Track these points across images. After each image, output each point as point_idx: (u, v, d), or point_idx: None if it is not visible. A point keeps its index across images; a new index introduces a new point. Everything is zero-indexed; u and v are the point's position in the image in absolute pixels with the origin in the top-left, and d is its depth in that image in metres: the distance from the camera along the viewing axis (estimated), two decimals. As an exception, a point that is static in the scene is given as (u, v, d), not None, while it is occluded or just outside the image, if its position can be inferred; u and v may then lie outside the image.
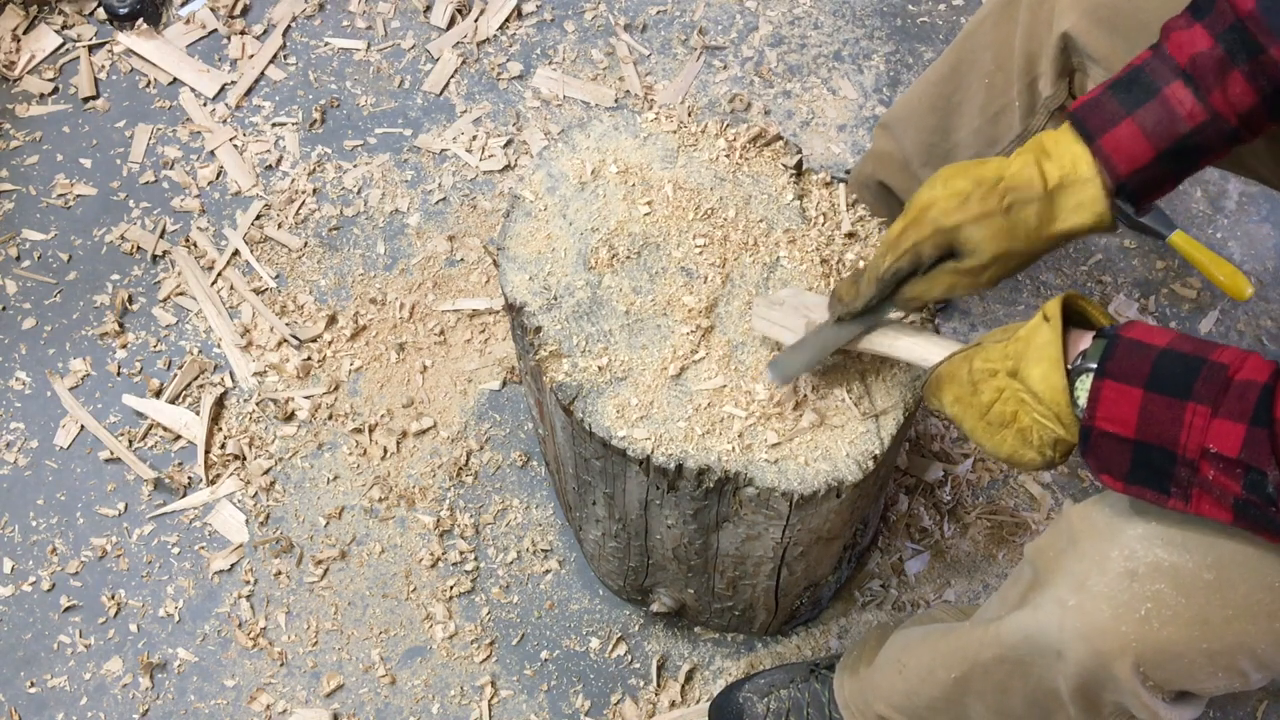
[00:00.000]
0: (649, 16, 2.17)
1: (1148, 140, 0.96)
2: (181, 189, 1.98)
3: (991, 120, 1.42)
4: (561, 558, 1.66)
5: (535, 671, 1.59)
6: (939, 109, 1.47)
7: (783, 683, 1.46)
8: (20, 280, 1.90)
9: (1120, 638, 0.94)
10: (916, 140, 1.52)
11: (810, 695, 1.43)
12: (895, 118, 1.56)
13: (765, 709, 1.45)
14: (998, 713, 1.14)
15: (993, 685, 1.11)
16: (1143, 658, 0.94)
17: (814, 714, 1.42)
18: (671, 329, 1.21)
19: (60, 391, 1.79)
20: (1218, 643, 0.93)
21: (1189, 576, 0.92)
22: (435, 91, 2.08)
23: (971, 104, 1.43)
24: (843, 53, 2.13)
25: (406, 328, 1.83)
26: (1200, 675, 0.95)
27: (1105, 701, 1.02)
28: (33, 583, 1.66)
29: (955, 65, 1.43)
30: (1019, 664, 1.06)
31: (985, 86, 1.40)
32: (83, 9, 2.18)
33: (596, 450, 1.21)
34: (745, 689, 1.48)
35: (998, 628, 1.07)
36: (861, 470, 1.15)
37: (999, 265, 1.00)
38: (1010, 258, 1.00)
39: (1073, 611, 0.97)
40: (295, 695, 1.58)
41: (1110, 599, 0.95)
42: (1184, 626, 0.93)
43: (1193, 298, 1.87)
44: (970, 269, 1.00)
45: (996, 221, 0.98)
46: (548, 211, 1.29)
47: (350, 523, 1.69)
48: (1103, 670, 0.97)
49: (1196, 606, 0.92)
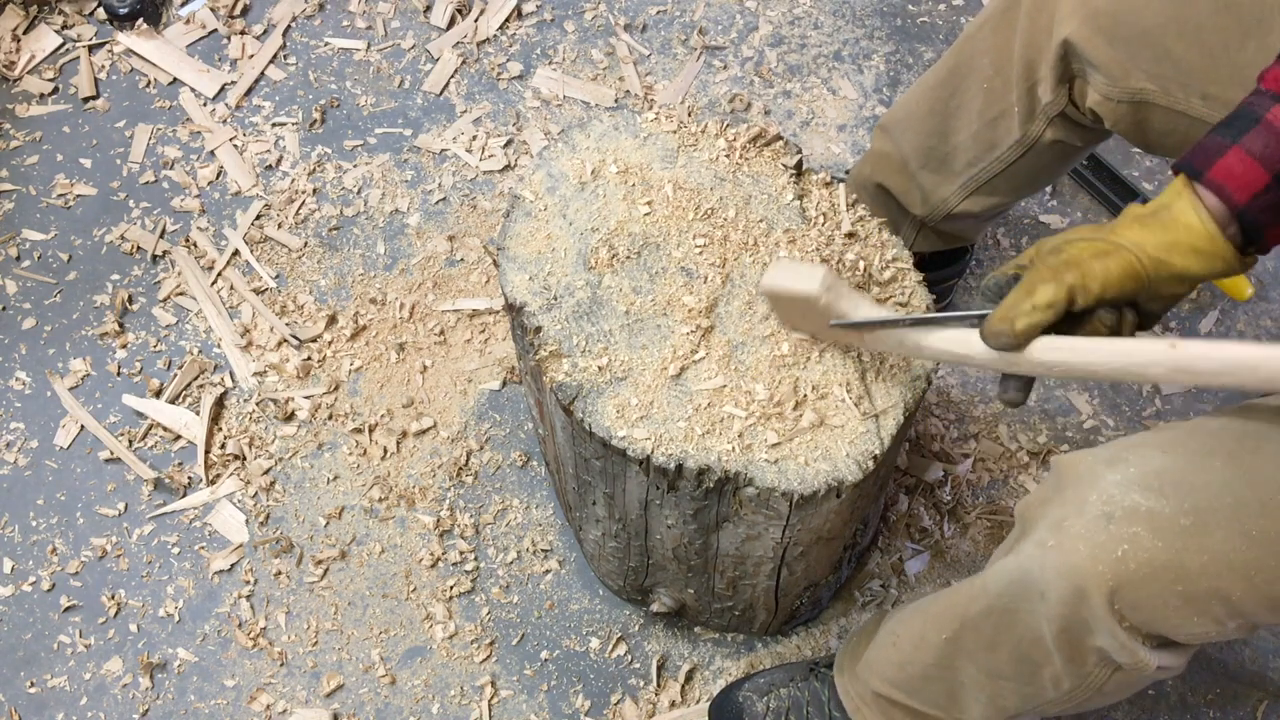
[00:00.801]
0: (649, 16, 2.17)
1: (1259, 164, 0.92)
2: (181, 189, 1.98)
3: (990, 125, 1.42)
4: (561, 558, 1.66)
5: (535, 671, 1.59)
6: (938, 112, 1.47)
7: (782, 682, 1.47)
8: (20, 280, 1.90)
9: (1097, 576, 0.96)
10: (915, 143, 1.52)
11: (810, 694, 1.44)
12: (894, 120, 1.55)
13: (765, 708, 1.45)
14: (988, 673, 1.15)
15: (982, 642, 1.13)
16: (1118, 595, 0.96)
17: (813, 712, 1.43)
18: (671, 329, 1.21)
19: (60, 391, 1.79)
20: (1193, 587, 0.94)
21: (1165, 521, 0.94)
22: (435, 91, 2.08)
23: (970, 108, 1.43)
24: (843, 53, 2.13)
25: (406, 328, 1.83)
26: (1176, 619, 0.97)
27: (1089, 648, 1.03)
28: (33, 583, 1.66)
29: (954, 69, 1.43)
30: (1005, 613, 1.08)
31: (984, 91, 1.40)
32: (83, 9, 2.18)
33: (596, 450, 1.21)
34: (745, 688, 1.48)
35: (984, 578, 1.10)
36: (861, 470, 1.15)
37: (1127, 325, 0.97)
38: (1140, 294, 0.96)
39: (1052, 551, 0.99)
40: (295, 695, 1.58)
41: (1087, 539, 0.97)
42: (1159, 569, 0.94)
43: (1193, 298, 1.87)
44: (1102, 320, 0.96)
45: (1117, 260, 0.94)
46: (548, 211, 1.29)
47: (350, 523, 1.69)
48: (1083, 607, 0.99)
49: (1172, 550, 0.94)
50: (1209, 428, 1.00)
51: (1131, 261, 0.94)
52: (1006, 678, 1.14)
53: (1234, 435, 0.97)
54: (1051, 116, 1.35)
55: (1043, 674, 1.10)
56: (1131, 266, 0.94)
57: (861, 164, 1.66)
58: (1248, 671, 1.60)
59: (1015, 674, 1.12)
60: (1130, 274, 0.94)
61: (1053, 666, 1.08)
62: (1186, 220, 0.93)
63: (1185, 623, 0.97)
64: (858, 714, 1.37)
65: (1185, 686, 1.59)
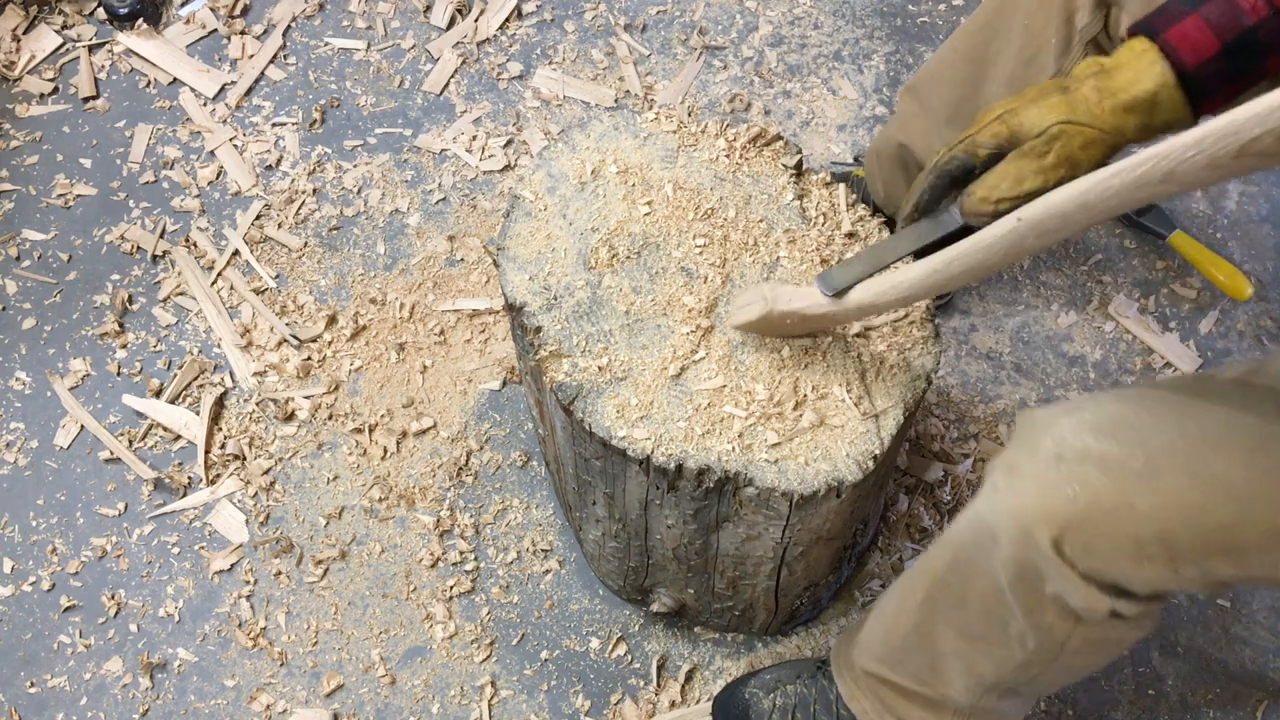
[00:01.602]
0: (649, 16, 2.17)
1: (1213, 32, 0.96)
2: (181, 189, 1.98)
3: (1026, 64, 1.42)
4: (561, 558, 1.66)
5: (535, 671, 1.59)
6: (975, 59, 1.48)
7: (789, 679, 1.46)
8: (20, 280, 1.90)
9: (1046, 514, 0.98)
10: (947, 95, 1.52)
11: (817, 692, 1.43)
12: (924, 78, 1.57)
13: (771, 705, 1.44)
14: (961, 633, 1.16)
15: (952, 599, 1.14)
16: (1067, 536, 0.98)
17: (820, 710, 1.43)
18: (671, 329, 1.21)
19: (60, 391, 1.79)
20: (1143, 529, 0.95)
21: (1117, 464, 0.96)
22: (435, 91, 2.08)
23: (1009, 50, 1.44)
24: (843, 53, 2.13)
25: (406, 328, 1.83)
26: (1127, 564, 0.98)
27: (1045, 597, 1.04)
28: (33, 583, 1.66)
29: (997, 9, 1.44)
30: (968, 564, 1.10)
31: (1024, 29, 1.41)
32: (83, 9, 2.18)
33: (596, 450, 1.21)
34: (751, 684, 1.47)
35: (946, 534, 1.12)
36: (861, 470, 1.15)
37: (1064, 140, 0.98)
38: (1074, 133, 0.98)
39: (1004, 493, 1.01)
40: (295, 695, 1.58)
41: (1038, 479, 0.98)
42: (1109, 510, 0.96)
43: (1193, 298, 1.87)
44: (1034, 147, 0.99)
45: (1054, 98, 0.98)
46: (548, 211, 1.29)
47: (350, 523, 1.69)
48: (1031, 549, 1.00)
49: (1122, 492, 0.95)
50: (1165, 384, 1.03)
51: (1110, 144, 0.99)
52: (978, 637, 1.15)
53: (1188, 389, 1.00)
54: (1086, 41, 1.37)
55: (1009, 630, 1.11)
56: (1109, 149, 1.00)
57: (884, 130, 1.67)
58: (1248, 671, 1.60)
59: (985, 632, 1.14)
60: (1106, 157, 1.00)
61: (1016, 621, 1.09)
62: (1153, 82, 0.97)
63: (1137, 569, 0.98)
64: (853, 700, 1.38)
65: (1185, 686, 1.59)
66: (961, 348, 1.83)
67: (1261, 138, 0.80)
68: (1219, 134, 0.81)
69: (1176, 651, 1.61)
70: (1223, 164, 0.82)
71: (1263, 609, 1.64)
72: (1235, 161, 0.82)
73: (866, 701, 1.35)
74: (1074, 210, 0.90)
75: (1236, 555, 0.96)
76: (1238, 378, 1.01)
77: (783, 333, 1.19)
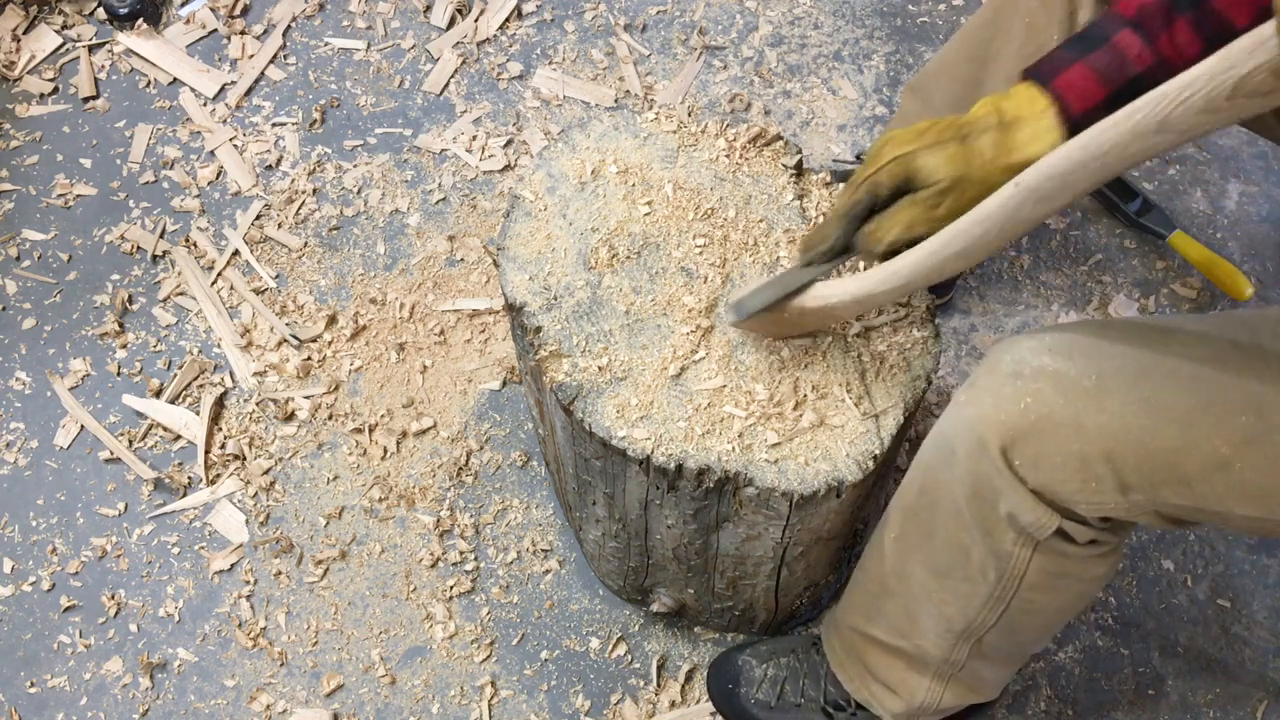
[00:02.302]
0: (649, 16, 2.17)
1: (1099, 81, 0.99)
2: (181, 189, 1.98)
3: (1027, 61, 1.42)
4: (561, 558, 1.66)
5: (535, 671, 1.59)
6: (978, 57, 1.48)
7: (783, 651, 1.49)
8: (20, 280, 1.90)
9: (998, 425, 1.01)
10: (948, 93, 1.53)
11: (809, 667, 1.46)
12: (927, 75, 1.57)
13: (762, 674, 1.47)
14: (932, 569, 1.18)
15: (921, 530, 1.17)
16: (1016, 446, 1.01)
17: (809, 685, 1.45)
18: (671, 329, 1.21)
19: (60, 391, 1.79)
20: (1089, 447, 0.98)
21: (1070, 382, 1.00)
22: (435, 91, 2.08)
23: (1010, 48, 1.44)
24: (843, 53, 2.13)
25: (406, 328, 1.83)
26: (1074, 483, 1.00)
27: (1000, 517, 1.06)
28: (33, 583, 1.66)
29: (999, 7, 1.45)
30: (934, 488, 1.12)
31: (1026, 27, 1.41)
32: (83, 9, 2.18)
33: (596, 450, 1.21)
34: (746, 653, 1.50)
35: (918, 453, 1.15)
36: (861, 470, 1.15)
37: (956, 195, 1.01)
38: (967, 186, 1.01)
39: (962, 406, 1.05)
40: (295, 695, 1.58)
41: (994, 393, 1.02)
42: (1058, 424, 0.99)
43: (1193, 298, 1.87)
44: (926, 198, 1.02)
45: (951, 148, 1.01)
46: (548, 211, 1.29)
47: (350, 523, 1.69)
48: (984, 457, 1.03)
49: (1073, 408, 0.99)
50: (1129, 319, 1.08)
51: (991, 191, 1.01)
52: (945, 574, 1.17)
53: (1150, 324, 1.04)
54: None
55: (971, 560, 1.13)
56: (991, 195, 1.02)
57: (887, 129, 1.66)
58: (1248, 672, 1.60)
59: (950, 566, 1.16)
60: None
61: (977, 547, 1.11)
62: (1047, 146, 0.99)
63: (1084, 488, 1.00)
64: (840, 668, 1.40)
65: (1185, 686, 1.59)
66: (961, 348, 1.83)
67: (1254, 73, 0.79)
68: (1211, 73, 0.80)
69: (1176, 651, 1.61)
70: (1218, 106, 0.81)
71: (1263, 609, 1.64)
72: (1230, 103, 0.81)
73: (851, 669, 1.38)
74: (1070, 169, 0.90)
75: (1181, 483, 0.99)
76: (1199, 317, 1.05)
77: (781, 331, 1.19)
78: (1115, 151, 0.87)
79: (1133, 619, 1.63)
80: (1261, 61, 0.78)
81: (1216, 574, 1.66)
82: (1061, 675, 1.59)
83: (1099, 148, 0.88)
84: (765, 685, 1.46)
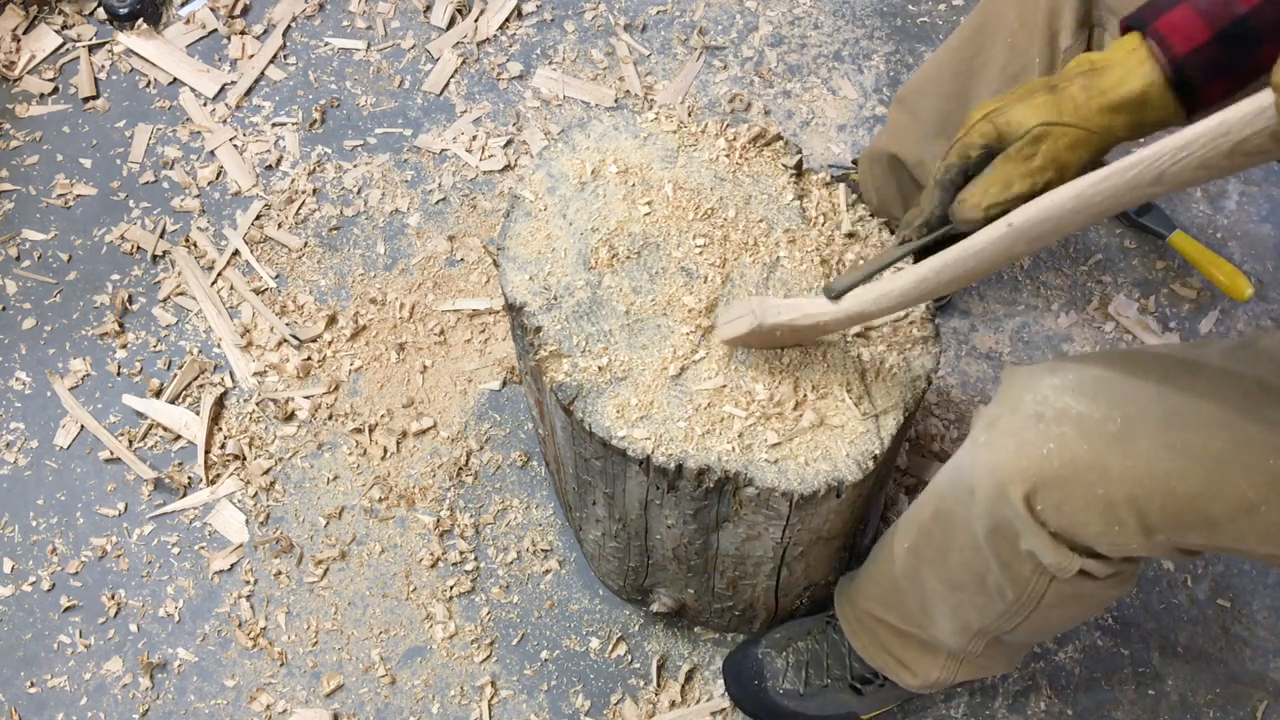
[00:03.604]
0: (649, 16, 2.17)
1: (1203, 20, 0.94)
2: (181, 189, 1.98)
3: (1011, 80, 1.42)
4: (561, 558, 1.66)
5: (535, 671, 1.59)
6: (961, 74, 1.47)
7: (799, 635, 1.49)
8: (20, 280, 1.90)
9: (1020, 470, 0.99)
10: (934, 109, 1.52)
11: (829, 645, 1.46)
12: (913, 89, 1.56)
13: (785, 663, 1.47)
14: (945, 582, 1.18)
15: (935, 549, 1.16)
16: (1040, 493, 0.99)
17: (833, 663, 1.45)
18: (671, 329, 1.21)
19: (60, 391, 1.79)
20: (1114, 492, 0.96)
21: (1094, 425, 0.97)
22: (435, 91, 2.08)
23: (993, 66, 1.43)
24: (843, 53, 2.13)
25: (406, 328, 1.83)
26: (1095, 524, 0.99)
27: (1020, 553, 1.05)
28: (33, 583, 1.66)
29: (979, 27, 1.44)
30: (949, 516, 1.11)
31: (1007, 46, 1.41)
32: (83, 9, 2.18)
33: (596, 450, 1.21)
34: (762, 645, 1.49)
35: (933, 481, 1.14)
36: (861, 470, 1.15)
37: (1050, 142, 0.96)
38: (1060, 132, 0.96)
39: (982, 448, 1.03)
40: (295, 695, 1.58)
41: (1016, 436, 1.00)
42: (1082, 470, 0.97)
43: (1193, 298, 1.87)
44: (1020, 149, 0.97)
45: (1040, 97, 0.97)
46: (548, 211, 1.29)
47: (350, 523, 1.69)
48: (1004, 504, 1.01)
49: (1097, 453, 0.96)
50: (1152, 351, 1.04)
51: (1099, 144, 0.97)
52: (960, 587, 1.16)
53: (1175, 359, 1.01)
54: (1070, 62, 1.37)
55: (988, 583, 1.12)
56: (1098, 149, 0.98)
57: (876, 140, 1.66)
58: (1248, 671, 1.60)
59: (967, 583, 1.15)
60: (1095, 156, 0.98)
61: (994, 574, 1.11)
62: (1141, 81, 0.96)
63: (1106, 531, 0.99)
64: (854, 637, 1.41)
65: (1185, 686, 1.59)
66: (961, 348, 1.83)
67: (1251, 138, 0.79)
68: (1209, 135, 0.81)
69: (1176, 651, 1.61)
70: (1214, 164, 0.82)
71: (1263, 609, 1.64)
72: (1227, 160, 0.81)
73: (866, 638, 1.39)
74: (1065, 214, 0.90)
75: (1206, 525, 0.97)
76: (1225, 350, 1.02)
77: (772, 345, 1.19)
78: (1110, 201, 0.88)
79: (1133, 619, 1.63)
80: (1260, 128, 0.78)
81: (1216, 574, 1.66)
82: (1061, 675, 1.59)
83: (1095, 196, 0.88)
84: (790, 674, 1.46)
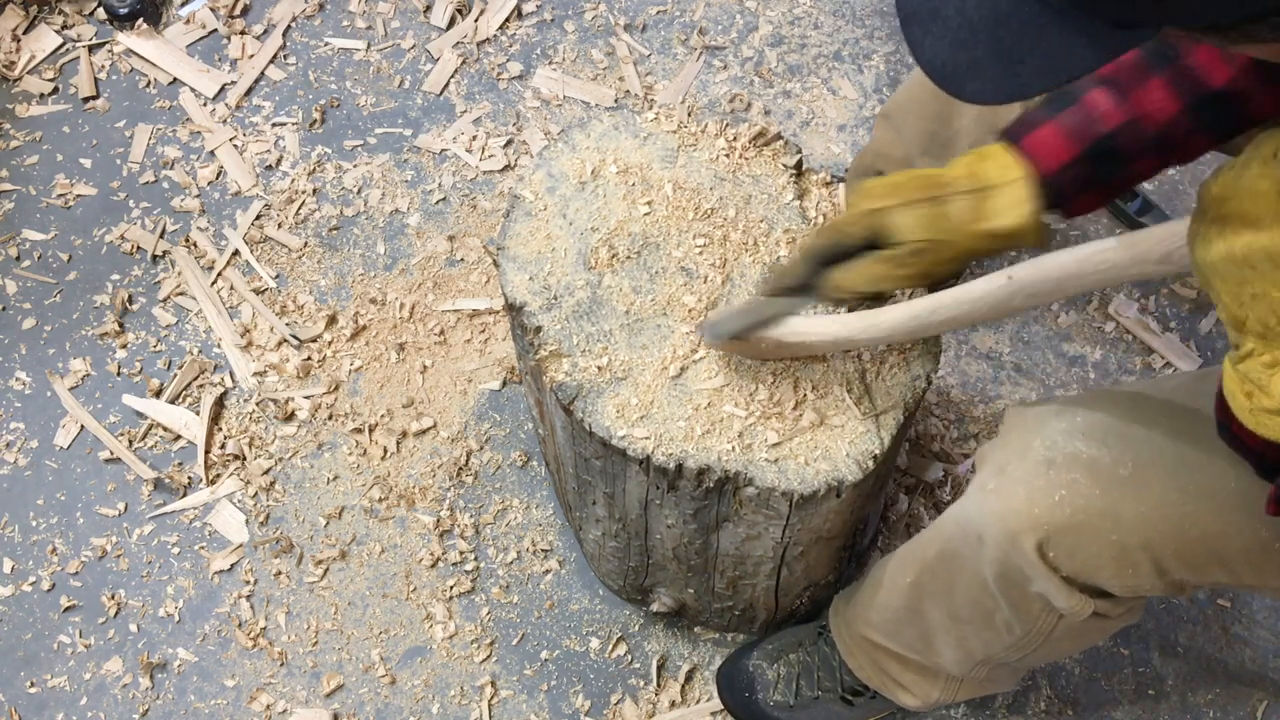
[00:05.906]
0: (649, 16, 2.17)
1: (1068, 140, 0.97)
2: (181, 189, 1.98)
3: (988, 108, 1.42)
4: (561, 558, 1.66)
5: (535, 671, 1.59)
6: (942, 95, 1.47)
7: (791, 646, 1.49)
8: (20, 280, 1.90)
9: (1031, 519, 0.98)
10: (917, 128, 1.52)
11: (820, 658, 1.46)
12: (897, 106, 1.56)
13: (776, 675, 1.47)
14: (950, 616, 1.18)
15: (940, 586, 1.16)
16: (1052, 541, 0.98)
17: (824, 676, 1.45)
18: (671, 329, 1.21)
19: (60, 391, 1.79)
20: (1127, 537, 0.96)
21: (1105, 470, 0.97)
22: (435, 91, 2.08)
23: None
24: (843, 53, 2.13)
25: (406, 328, 1.83)
26: (1108, 569, 0.99)
27: (1030, 595, 1.05)
28: (33, 583, 1.66)
29: None
30: (954, 557, 1.11)
31: None
32: (83, 9, 2.18)
33: (596, 450, 1.21)
34: (754, 656, 1.49)
35: (938, 522, 1.14)
36: (861, 470, 1.15)
37: (922, 258, 0.99)
38: (936, 250, 0.99)
39: (991, 494, 1.02)
40: (295, 695, 1.58)
41: (1026, 483, 0.99)
42: (1095, 516, 0.97)
43: (1192, 298, 1.87)
44: (895, 257, 1.00)
45: (925, 209, 0.99)
46: (548, 211, 1.29)
47: (350, 523, 1.69)
48: (1016, 552, 1.01)
49: (1109, 499, 0.96)
50: (1161, 388, 1.04)
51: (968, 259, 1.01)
52: (966, 621, 1.16)
53: (1183, 396, 1.01)
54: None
55: (995, 619, 1.12)
56: (965, 263, 1.01)
57: (862, 154, 1.66)
58: (1248, 671, 1.60)
59: (972, 618, 1.15)
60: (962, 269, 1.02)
61: (1002, 612, 1.10)
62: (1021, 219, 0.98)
63: (1119, 574, 0.99)
64: (850, 657, 1.40)
65: (1185, 686, 1.59)
66: (961, 348, 1.83)
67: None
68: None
69: (1176, 651, 1.61)
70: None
71: (1263, 609, 1.64)
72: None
73: (867, 666, 1.38)
74: (1067, 276, 0.92)
75: (1219, 565, 0.97)
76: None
77: (757, 355, 1.18)
78: (1114, 272, 0.90)
79: (1133, 619, 1.63)
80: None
81: (1216, 574, 1.66)
82: (1061, 675, 1.59)
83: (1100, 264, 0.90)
84: (781, 685, 1.46)
